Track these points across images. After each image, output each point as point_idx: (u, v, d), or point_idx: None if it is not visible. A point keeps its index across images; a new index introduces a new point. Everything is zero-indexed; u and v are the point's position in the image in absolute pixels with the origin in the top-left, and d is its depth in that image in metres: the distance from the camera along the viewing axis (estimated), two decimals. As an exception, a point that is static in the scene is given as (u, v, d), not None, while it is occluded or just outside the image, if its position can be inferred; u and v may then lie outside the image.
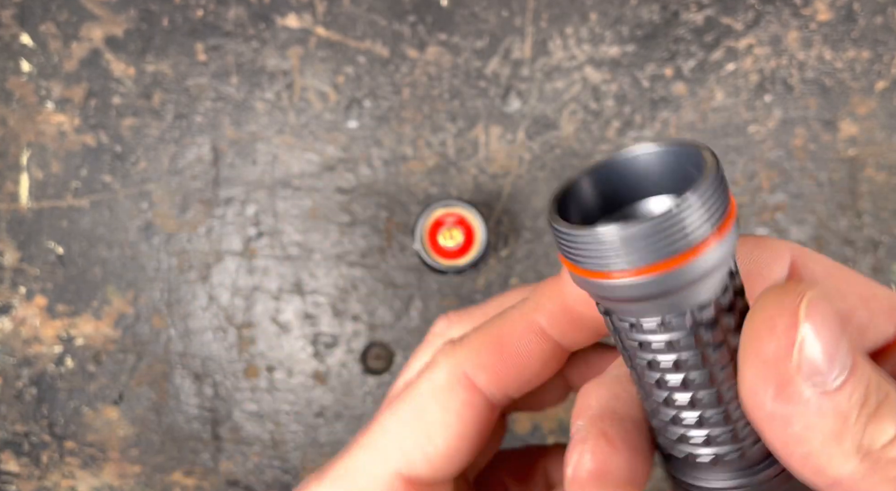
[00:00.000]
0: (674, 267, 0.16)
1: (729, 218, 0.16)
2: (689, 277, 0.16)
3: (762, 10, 0.52)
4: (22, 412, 0.54)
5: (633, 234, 0.16)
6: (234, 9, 0.53)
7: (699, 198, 0.16)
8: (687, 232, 0.16)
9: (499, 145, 0.53)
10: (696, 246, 0.16)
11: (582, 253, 0.17)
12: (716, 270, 0.17)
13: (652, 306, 0.17)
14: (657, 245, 0.16)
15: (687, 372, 0.18)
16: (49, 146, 0.54)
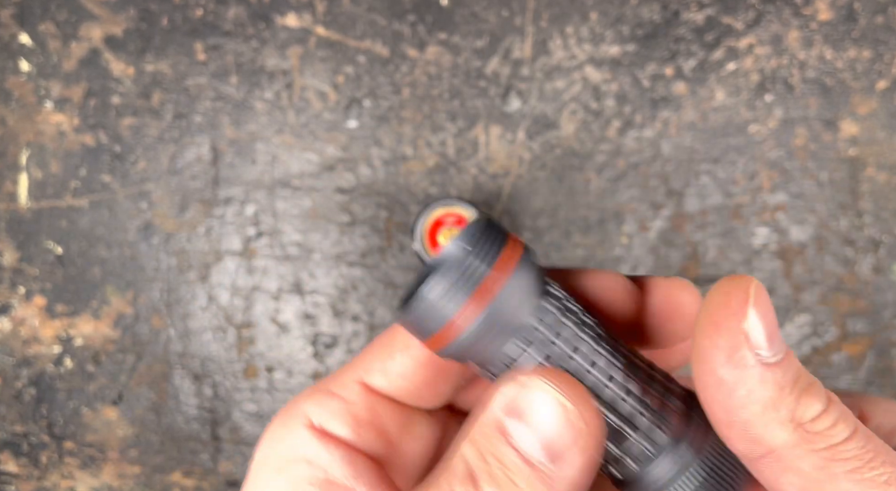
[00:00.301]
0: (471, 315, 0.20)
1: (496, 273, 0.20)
2: (494, 316, 0.20)
3: (763, 9, 0.52)
4: (21, 413, 0.54)
5: (419, 306, 0.20)
6: (234, 8, 0.53)
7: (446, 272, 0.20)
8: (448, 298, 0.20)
9: (499, 145, 0.53)
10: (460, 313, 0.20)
11: (419, 328, 0.21)
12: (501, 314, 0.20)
13: (501, 336, 0.21)
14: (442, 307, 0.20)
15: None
16: (48, 146, 0.54)
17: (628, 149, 0.52)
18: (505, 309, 0.20)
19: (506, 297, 0.20)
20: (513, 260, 0.21)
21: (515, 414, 0.19)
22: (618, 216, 0.52)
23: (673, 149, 0.52)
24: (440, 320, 0.20)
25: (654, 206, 0.52)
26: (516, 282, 0.21)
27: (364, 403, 0.24)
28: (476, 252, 0.20)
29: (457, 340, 0.21)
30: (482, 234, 0.21)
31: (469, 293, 0.20)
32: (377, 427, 0.24)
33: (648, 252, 0.52)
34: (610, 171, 0.52)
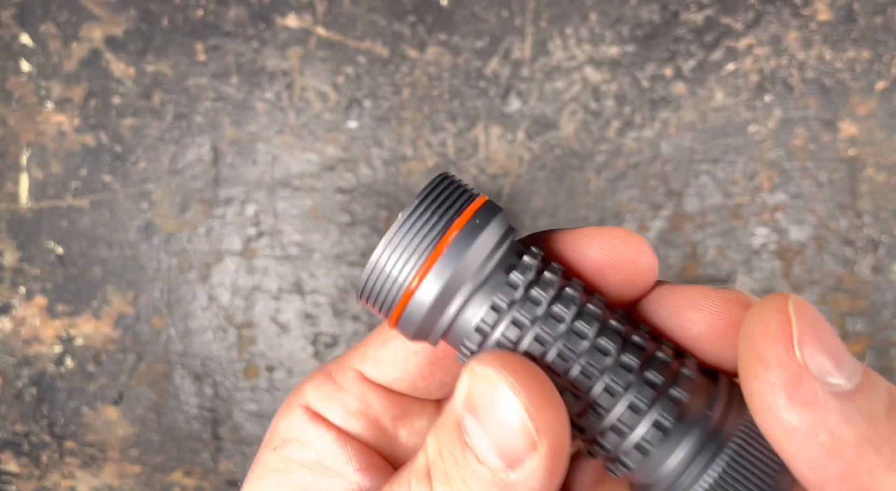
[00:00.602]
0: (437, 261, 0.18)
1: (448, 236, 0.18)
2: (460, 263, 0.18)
3: (762, 10, 0.52)
4: (22, 412, 0.54)
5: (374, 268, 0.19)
6: (234, 9, 0.53)
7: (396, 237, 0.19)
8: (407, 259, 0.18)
9: (499, 145, 0.53)
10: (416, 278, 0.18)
11: (375, 302, 0.19)
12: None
13: (462, 305, 0.19)
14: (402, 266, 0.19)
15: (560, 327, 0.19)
16: (49, 146, 0.54)
17: (628, 149, 0.52)
18: (461, 272, 0.18)
19: (460, 258, 0.18)
20: (467, 218, 0.19)
21: (472, 409, 0.17)
22: (617, 216, 0.52)
23: (672, 149, 0.52)
24: (392, 291, 0.19)
25: (653, 207, 0.52)
26: (471, 241, 0.18)
27: (356, 391, 0.23)
28: (427, 212, 0.19)
29: (410, 311, 0.19)
30: (436, 192, 0.19)
31: (419, 257, 0.18)
32: (368, 417, 0.23)
33: (648, 252, 0.52)
34: (609, 171, 0.52)
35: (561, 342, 0.18)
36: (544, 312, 0.19)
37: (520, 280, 0.19)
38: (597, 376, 0.18)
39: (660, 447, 0.18)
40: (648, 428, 0.18)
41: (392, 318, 0.19)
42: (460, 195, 0.19)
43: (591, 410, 0.18)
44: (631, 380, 0.18)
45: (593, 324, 0.19)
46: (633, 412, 0.18)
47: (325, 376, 0.24)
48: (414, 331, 0.19)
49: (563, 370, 0.18)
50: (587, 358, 0.18)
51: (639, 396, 0.18)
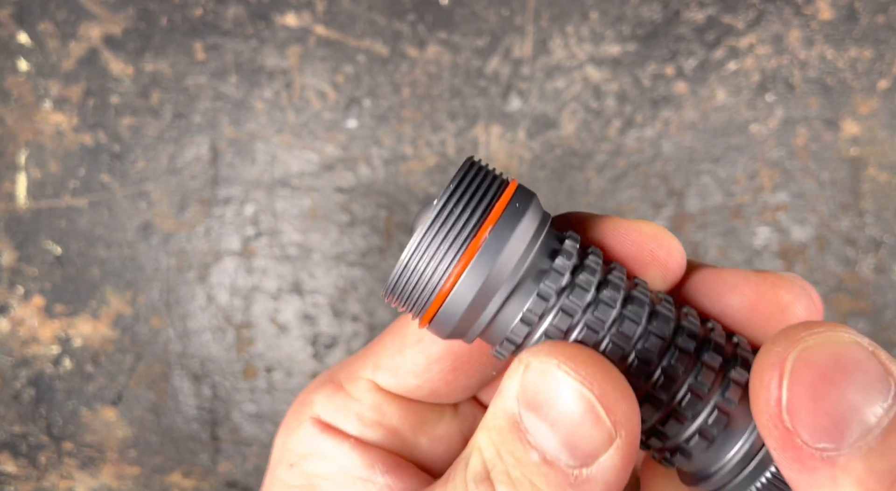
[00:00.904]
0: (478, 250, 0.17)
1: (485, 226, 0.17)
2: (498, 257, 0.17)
3: (764, 9, 0.52)
4: (20, 413, 0.54)
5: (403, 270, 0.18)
6: (233, 8, 0.53)
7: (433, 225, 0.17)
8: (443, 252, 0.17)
9: (499, 145, 0.52)
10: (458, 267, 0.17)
11: (408, 303, 0.18)
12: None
13: (503, 301, 0.18)
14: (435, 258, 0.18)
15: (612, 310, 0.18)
16: (47, 146, 0.54)
17: (629, 148, 0.52)
18: (501, 267, 0.17)
19: (499, 253, 0.17)
20: (501, 208, 0.18)
21: (532, 407, 0.16)
22: (619, 216, 0.52)
23: (673, 148, 0.52)
24: (427, 290, 0.18)
25: (654, 206, 0.52)
26: (509, 234, 0.17)
27: (371, 402, 0.22)
28: (459, 205, 0.17)
29: (446, 312, 0.18)
30: (465, 182, 0.18)
31: (455, 253, 0.17)
32: (386, 427, 0.22)
33: (649, 252, 0.52)
34: (610, 170, 0.52)
35: (616, 328, 0.17)
36: (594, 297, 0.18)
37: (566, 266, 0.18)
38: (654, 361, 0.17)
39: (724, 434, 0.17)
40: (711, 413, 0.17)
41: (424, 318, 0.18)
42: (491, 183, 0.18)
43: (651, 398, 0.17)
44: (689, 363, 0.17)
45: (644, 307, 0.18)
46: (696, 396, 0.17)
47: (335, 387, 0.23)
48: (450, 331, 0.18)
49: (620, 357, 0.17)
50: (643, 343, 0.17)
51: (700, 380, 0.17)
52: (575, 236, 0.19)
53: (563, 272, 0.18)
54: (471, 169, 0.18)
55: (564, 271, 0.18)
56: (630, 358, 0.17)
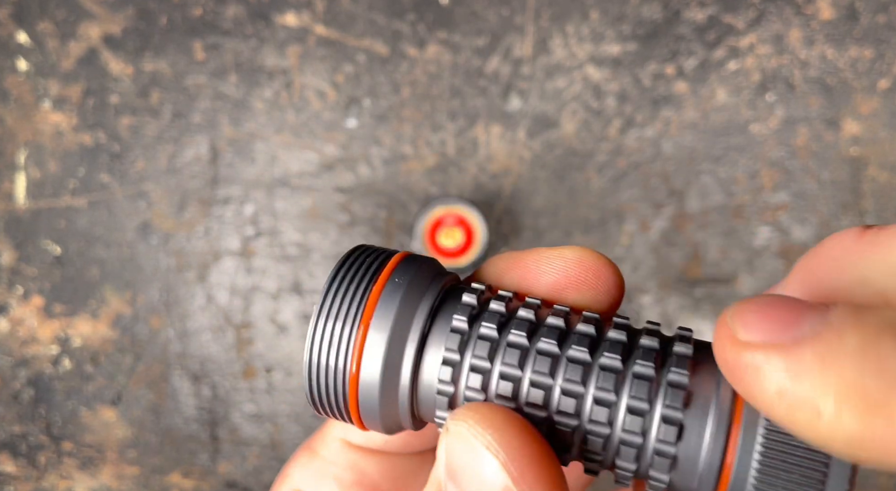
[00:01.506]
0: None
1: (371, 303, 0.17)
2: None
3: (764, 8, 0.52)
4: (19, 413, 0.54)
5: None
6: (233, 7, 0.53)
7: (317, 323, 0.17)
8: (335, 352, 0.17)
9: (499, 144, 0.52)
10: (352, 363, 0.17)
11: (332, 410, 0.18)
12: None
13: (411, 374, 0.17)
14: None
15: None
16: (46, 145, 0.54)
17: (629, 148, 0.52)
18: (398, 339, 0.17)
19: (391, 323, 0.17)
20: (384, 281, 0.17)
21: (451, 476, 0.16)
22: (619, 216, 0.52)
23: (674, 148, 0.52)
24: (338, 388, 0.17)
25: (655, 206, 0.52)
26: (394, 304, 0.17)
27: (346, 462, 0.22)
28: (341, 291, 0.17)
29: (365, 401, 0.17)
30: (346, 268, 0.17)
31: (349, 340, 0.17)
32: (366, 485, 0.21)
33: (650, 252, 0.52)
34: (611, 170, 0.52)
35: (529, 370, 0.16)
36: (499, 344, 0.17)
37: (463, 322, 0.17)
38: (581, 393, 0.16)
39: (682, 445, 0.16)
40: (659, 427, 0.16)
41: (354, 418, 0.18)
42: (374, 259, 0.18)
43: (592, 433, 0.16)
44: (618, 381, 0.16)
45: (554, 336, 0.17)
46: (635, 415, 0.16)
47: (310, 453, 0.22)
48: (381, 421, 0.17)
49: (545, 400, 0.16)
50: (563, 376, 0.16)
51: (634, 395, 0.16)
52: (477, 288, 0.18)
53: (463, 330, 0.17)
54: (353, 253, 0.18)
55: (463, 329, 0.17)
56: (555, 397, 0.16)
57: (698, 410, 0.16)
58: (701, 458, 0.16)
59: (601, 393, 0.16)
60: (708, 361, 0.16)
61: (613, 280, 0.19)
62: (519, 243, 0.52)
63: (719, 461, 0.15)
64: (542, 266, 0.19)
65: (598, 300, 0.19)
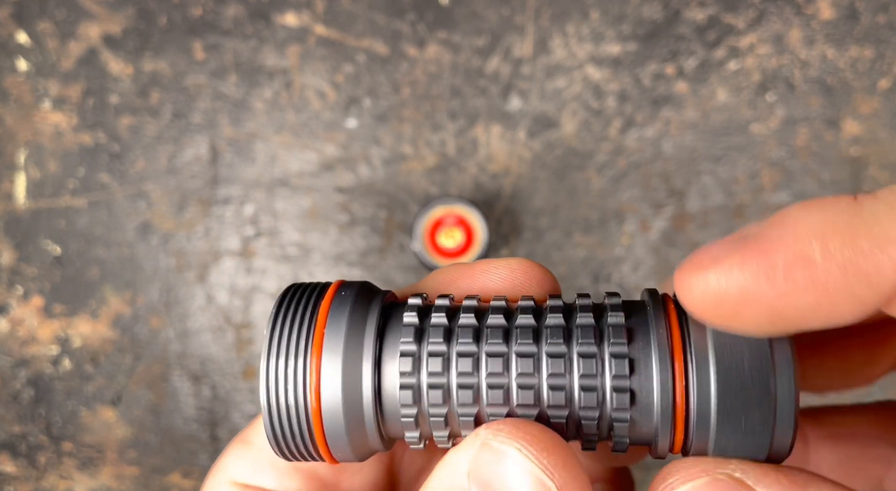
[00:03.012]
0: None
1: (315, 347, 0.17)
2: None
3: (764, 8, 0.52)
4: (19, 413, 0.54)
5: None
6: (233, 7, 0.53)
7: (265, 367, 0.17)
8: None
9: (499, 144, 0.52)
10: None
11: (297, 450, 0.18)
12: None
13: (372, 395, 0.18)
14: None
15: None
16: (46, 145, 0.54)
17: (629, 148, 0.52)
18: (352, 354, 0.17)
19: (342, 344, 0.17)
20: (327, 307, 0.17)
21: (484, 485, 0.16)
22: (619, 216, 0.52)
23: (674, 148, 0.52)
24: (300, 422, 0.17)
25: (655, 206, 0.52)
26: (342, 324, 0.17)
27: None
28: (286, 327, 0.17)
29: (331, 431, 0.17)
30: (286, 305, 0.18)
31: (303, 373, 0.17)
32: (303, 471, 0.21)
33: (650, 252, 0.52)
34: (611, 170, 0.52)
35: (485, 344, 0.17)
36: (450, 327, 0.18)
37: (413, 317, 0.18)
38: (535, 353, 0.17)
39: (636, 409, 0.17)
40: (612, 397, 0.17)
41: (324, 452, 0.18)
42: (311, 293, 0.18)
43: (553, 387, 0.17)
44: (565, 364, 0.17)
45: (500, 312, 0.18)
46: (588, 392, 0.17)
47: (244, 444, 0.22)
48: (351, 448, 0.18)
49: (505, 367, 0.17)
50: (517, 370, 0.17)
51: (582, 342, 0.17)
52: (417, 294, 0.19)
53: (413, 324, 0.18)
54: (287, 292, 0.18)
55: (414, 323, 0.18)
56: (513, 392, 0.17)
57: (640, 345, 0.17)
58: (654, 389, 0.17)
59: (555, 379, 0.17)
60: (638, 309, 0.18)
61: (553, 287, 0.20)
62: (519, 243, 0.52)
63: (671, 387, 0.17)
64: (490, 275, 0.20)
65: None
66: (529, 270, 0.20)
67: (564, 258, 0.52)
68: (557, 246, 0.52)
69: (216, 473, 0.22)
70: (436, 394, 0.17)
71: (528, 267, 0.20)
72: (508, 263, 0.20)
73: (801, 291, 0.14)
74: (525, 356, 0.17)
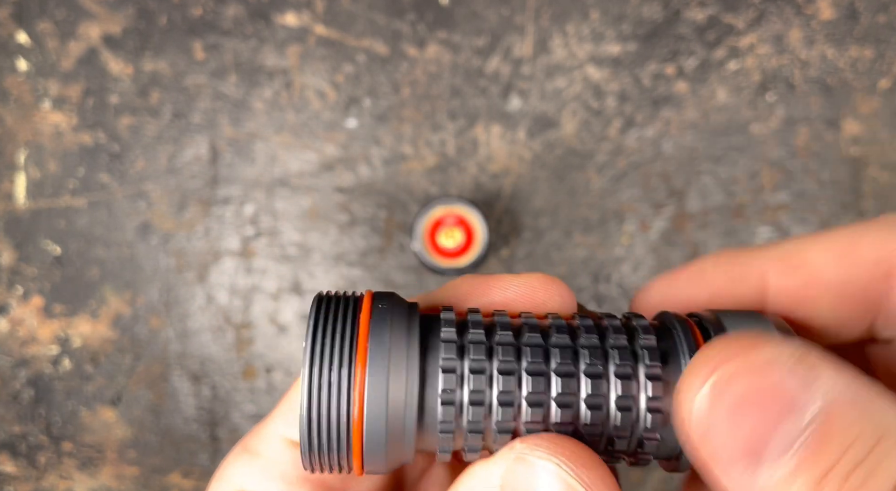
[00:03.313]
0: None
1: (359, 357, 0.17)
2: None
3: (764, 8, 0.52)
4: (19, 413, 0.54)
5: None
6: (233, 7, 0.53)
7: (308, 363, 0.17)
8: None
9: (499, 144, 0.52)
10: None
11: (332, 462, 0.18)
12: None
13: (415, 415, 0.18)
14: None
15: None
16: (46, 145, 0.54)
17: (629, 148, 0.52)
18: (397, 371, 0.17)
19: (386, 359, 0.17)
20: (367, 319, 0.17)
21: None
22: (619, 216, 0.52)
23: (674, 148, 0.52)
24: (340, 431, 0.17)
25: (655, 206, 0.52)
26: (384, 338, 0.17)
27: (291, 459, 0.21)
28: (327, 340, 0.17)
29: (370, 447, 0.17)
30: (322, 316, 0.18)
31: (346, 386, 0.17)
32: (312, 481, 0.21)
33: (650, 252, 0.52)
34: (611, 170, 0.52)
35: (525, 362, 0.17)
36: (490, 344, 0.18)
37: (452, 332, 0.18)
38: (574, 372, 0.17)
39: (665, 429, 0.18)
40: (645, 416, 0.17)
41: (356, 465, 0.18)
42: (346, 303, 0.18)
43: (591, 406, 0.17)
44: (603, 383, 0.17)
45: (536, 330, 0.18)
46: (625, 412, 0.17)
47: (250, 454, 0.22)
48: (386, 461, 0.18)
49: (546, 386, 0.17)
50: (557, 360, 0.17)
51: (619, 364, 0.17)
52: (446, 307, 0.19)
53: (453, 339, 0.18)
54: (321, 302, 0.18)
55: (453, 339, 0.18)
56: (552, 409, 0.17)
57: (672, 368, 0.18)
58: None
59: (593, 398, 0.17)
60: (665, 329, 0.19)
61: (571, 303, 0.20)
62: (519, 243, 0.52)
63: None
64: (508, 291, 0.20)
65: None
66: (549, 286, 0.20)
67: (564, 258, 0.52)
68: (557, 246, 0.52)
69: (220, 483, 0.22)
70: (477, 410, 0.17)
71: (547, 282, 0.20)
72: (528, 279, 0.20)
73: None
74: (565, 376, 0.17)
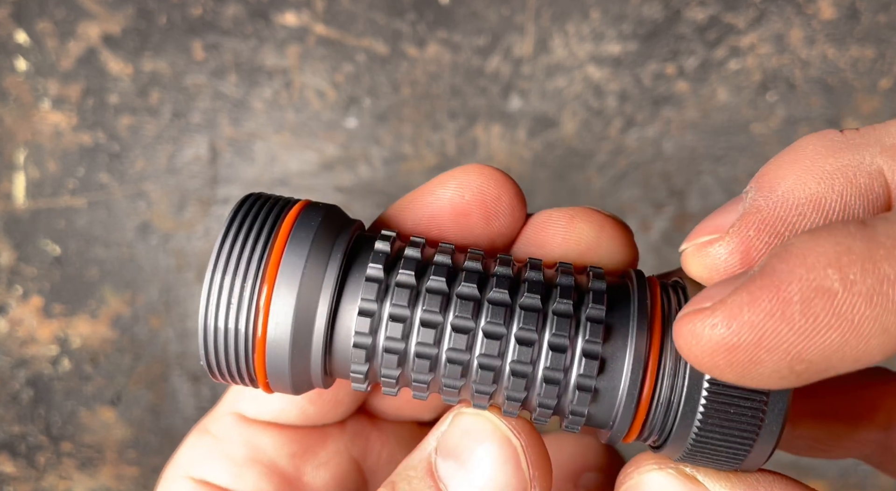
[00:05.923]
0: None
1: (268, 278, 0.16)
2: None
3: (765, 8, 0.52)
4: (18, 414, 0.53)
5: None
6: (233, 7, 0.53)
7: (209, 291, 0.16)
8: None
9: (499, 144, 0.52)
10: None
11: (229, 369, 0.17)
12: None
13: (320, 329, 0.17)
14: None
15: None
16: (45, 145, 0.54)
17: (630, 148, 0.52)
18: (308, 292, 0.16)
19: (300, 276, 0.15)
20: (287, 230, 0.16)
21: (451, 454, 0.16)
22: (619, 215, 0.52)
23: (675, 148, 0.52)
24: (240, 349, 0.16)
25: (655, 206, 0.52)
26: (303, 254, 0.16)
27: (239, 438, 0.20)
28: (239, 240, 0.16)
29: (273, 362, 0.16)
30: (241, 216, 0.16)
31: (251, 296, 0.15)
32: (262, 463, 0.20)
33: (650, 251, 0.52)
34: (611, 170, 0.52)
35: (452, 315, 0.16)
36: (419, 291, 0.16)
37: (378, 270, 0.16)
38: (504, 334, 0.16)
39: (603, 379, 0.16)
40: (580, 361, 0.16)
41: (261, 381, 0.17)
42: (272, 208, 0.16)
43: (516, 373, 0.16)
44: (538, 319, 0.16)
45: (474, 279, 0.16)
46: (557, 352, 0.16)
47: (201, 433, 0.21)
48: (292, 383, 0.16)
49: (469, 344, 0.16)
50: (487, 318, 0.16)
51: (555, 333, 0.16)
52: (387, 235, 0.17)
53: (379, 278, 0.16)
54: (245, 203, 0.17)
55: (379, 277, 0.16)
56: (479, 340, 0.16)
57: (617, 344, 0.16)
58: (620, 390, 0.16)
59: (524, 333, 0.16)
60: (622, 297, 0.17)
61: (511, 191, 0.19)
62: (519, 243, 0.52)
63: (637, 393, 0.16)
64: (445, 187, 0.18)
65: (499, 214, 0.19)
66: (486, 174, 0.18)
67: (565, 258, 0.52)
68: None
69: (172, 468, 0.21)
70: (396, 327, 0.16)
71: (480, 172, 0.18)
72: (467, 176, 0.18)
73: (825, 327, 0.12)
74: (498, 305, 0.16)
